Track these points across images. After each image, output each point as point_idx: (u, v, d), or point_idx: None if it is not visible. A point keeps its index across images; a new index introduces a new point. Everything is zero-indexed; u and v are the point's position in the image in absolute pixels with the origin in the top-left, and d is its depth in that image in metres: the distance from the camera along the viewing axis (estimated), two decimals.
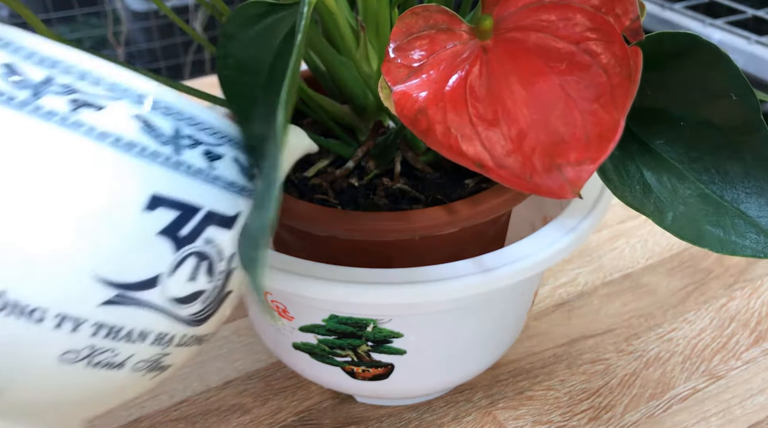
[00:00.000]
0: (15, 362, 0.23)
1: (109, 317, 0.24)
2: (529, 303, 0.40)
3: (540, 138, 0.24)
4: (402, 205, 0.36)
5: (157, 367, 0.26)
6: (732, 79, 0.27)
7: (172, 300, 0.25)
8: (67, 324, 0.23)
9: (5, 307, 0.23)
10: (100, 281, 0.23)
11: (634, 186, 0.29)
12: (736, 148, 0.28)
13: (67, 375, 0.24)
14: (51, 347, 0.23)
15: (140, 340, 0.25)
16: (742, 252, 0.27)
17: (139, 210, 0.24)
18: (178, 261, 0.25)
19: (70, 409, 0.26)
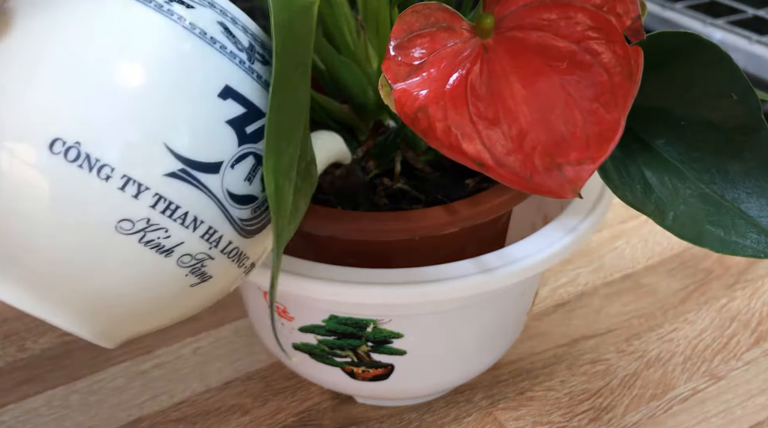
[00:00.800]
0: (76, 222, 0.24)
1: (170, 190, 0.25)
2: (529, 303, 0.40)
3: (540, 137, 0.24)
4: (402, 205, 0.36)
5: (199, 271, 0.27)
6: (733, 80, 0.27)
7: (228, 194, 0.26)
8: (131, 187, 0.24)
9: (77, 158, 0.24)
10: (169, 152, 0.25)
11: (634, 186, 0.29)
12: (736, 148, 0.28)
13: (120, 249, 0.25)
14: (112, 210, 0.24)
15: (192, 227, 0.26)
16: (743, 252, 0.27)
17: (214, 95, 0.26)
18: (239, 156, 0.26)
19: (117, 305, 0.26)
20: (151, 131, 0.25)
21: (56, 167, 0.24)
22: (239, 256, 0.28)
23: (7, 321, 0.48)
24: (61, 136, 0.24)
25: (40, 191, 0.24)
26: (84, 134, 0.24)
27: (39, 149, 0.24)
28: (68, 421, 0.42)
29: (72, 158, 0.24)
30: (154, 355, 0.46)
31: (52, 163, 0.24)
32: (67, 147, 0.24)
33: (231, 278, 0.29)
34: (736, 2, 0.77)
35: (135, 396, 0.43)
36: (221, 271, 0.28)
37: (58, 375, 0.44)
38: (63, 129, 0.24)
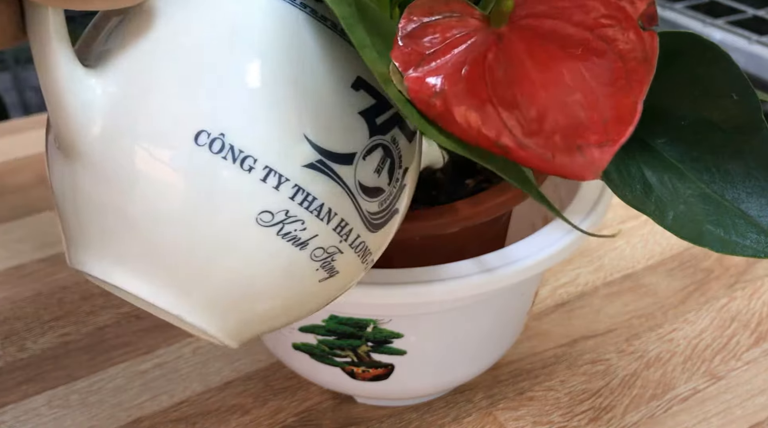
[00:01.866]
0: (219, 215, 0.25)
1: (308, 181, 0.25)
2: (529, 303, 0.40)
3: (559, 120, 0.24)
4: None
5: (329, 266, 0.27)
6: (733, 79, 0.27)
7: (359, 186, 0.27)
8: (272, 178, 0.25)
9: (222, 149, 0.24)
10: (308, 142, 0.25)
11: (634, 185, 0.29)
12: (737, 148, 0.28)
13: (259, 241, 0.25)
14: (254, 201, 0.25)
15: (326, 220, 0.26)
16: (743, 252, 0.27)
17: (347, 85, 0.26)
18: (370, 147, 0.27)
19: (251, 300, 0.27)
20: (292, 121, 0.25)
21: (201, 159, 0.24)
22: (365, 251, 0.28)
23: (7, 321, 0.48)
24: (205, 128, 0.24)
25: (186, 185, 0.24)
26: (228, 125, 0.24)
27: (185, 141, 0.24)
28: (68, 421, 0.42)
29: (216, 149, 0.24)
30: (154, 355, 0.46)
31: (198, 155, 0.24)
32: (212, 139, 0.24)
33: (355, 274, 0.29)
34: (736, 2, 0.77)
35: (135, 396, 0.43)
36: (348, 266, 0.28)
37: (58, 375, 0.44)
38: (207, 121, 0.24)
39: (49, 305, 0.49)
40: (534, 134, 0.24)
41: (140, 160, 0.24)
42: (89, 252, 0.26)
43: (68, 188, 0.26)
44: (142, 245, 0.25)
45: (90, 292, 0.50)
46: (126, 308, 0.49)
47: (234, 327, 0.27)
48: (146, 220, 0.25)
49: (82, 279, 0.51)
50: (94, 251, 0.26)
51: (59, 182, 0.26)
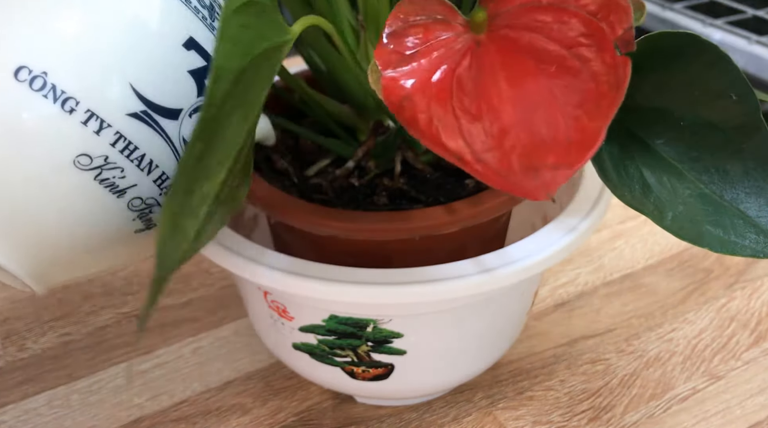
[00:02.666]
0: (34, 152, 0.24)
1: (131, 130, 0.25)
2: (529, 303, 0.40)
3: (521, 137, 0.24)
4: (402, 205, 0.36)
5: (146, 217, 0.27)
6: (732, 80, 0.27)
7: (184, 142, 0.27)
8: (93, 122, 0.25)
9: (43, 87, 0.24)
10: (133, 92, 0.25)
11: (633, 186, 0.29)
12: (736, 148, 0.28)
13: (74, 184, 0.25)
14: (72, 143, 0.25)
15: (147, 171, 0.26)
16: (742, 252, 0.27)
17: (179, 43, 0.27)
18: (197, 106, 0.27)
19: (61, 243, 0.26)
20: (118, 69, 0.25)
21: (20, 95, 0.24)
22: None
23: (7, 321, 0.48)
24: (27, 64, 0.24)
25: (2, 121, 0.24)
26: (51, 65, 0.24)
27: (3, 75, 0.24)
28: (68, 421, 0.42)
29: (37, 87, 0.24)
30: (154, 355, 0.46)
31: (17, 91, 0.24)
32: (33, 76, 0.24)
33: None
34: (735, 2, 0.77)
35: (135, 396, 0.43)
36: None
37: (59, 375, 0.44)
38: (29, 58, 0.24)
39: (49, 305, 0.49)
40: (493, 149, 0.24)
41: None
42: None
43: None
44: None
45: (90, 292, 0.50)
46: (126, 308, 0.49)
47: (41, 270, 0.27)
48: None
49: (82, 279, 0.51)
50: None
51: None
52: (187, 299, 0.50)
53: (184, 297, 0.50)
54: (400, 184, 0.36)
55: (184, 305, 0.49)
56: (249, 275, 0.34)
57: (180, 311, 0.49)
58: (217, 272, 0.52)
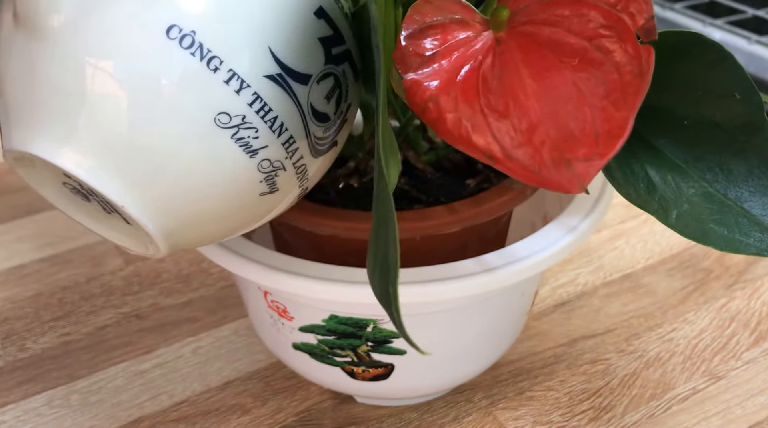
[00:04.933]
0: (179, 108, 0.25)
1: (267, 91, 0.27)
2: (529, 303, 0.40)
3: (550, 132, 0.24)
4: (403, 205, 0.36)
5: (272, 180, 0.28)
6: (736, 79, 0.27)
7: (311, 108, 0.28)
8: (234, 82, 0.26)
9: (192, 45, 0.25)
10: (271, 55, 0.27)
11: (638, 184, 0.29)
12: (739, 147, 0.28)
13: (213, 141, 0.26)
14: (214, 101, 0.26)
15: (278, 133, 0.27)
16: (746, 251, 0.27)
17: (311, 11, 0.28)
18: (324, 73, 0.28)
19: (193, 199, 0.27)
20: (259, 32, 0.26)
21: (171, 52, 0.25)
22: (303, 173, 0.29)
23: (7, 321, 0.48)
24: (178, 23, 0.25)
25: (152, 75, 0.25)
26: (199, 25, 0.25)
27: (156, 32, 0.25)
28: (68, 421, 0.42)
29: (186, 45, 0.25)
30: (154, 355, 0.46)
31: (168, 48, 0.25)
32: (183, 34, 0.25)
33: (290, 195, 0.30)
34: (736, 2, 0.77)
35: (135, 396, 0.43)
36: (286, 184, 0.29)
37: (59, 375, 0.44)
38: (181, 18, 0.25)
39: (49, 305, 0.49)
40: (523, 145, 0.24)
41: (108, 44, 0.25)
42: (35, 132, 0.26)
43: (24, 67, 0.26)
44: (99, 130, 0.25)
45: (90, 292, 0.50)
46: (126, 308, 0.49)
47: (170, 228, 0.28)
48: (107, 105, 0.25)
49: (82, 279, 0.51)
50: (42, 132, 0.26)
51: (13, 61, 0.26)
52: (187, 299, 0.50)
53: (184, 297, 0.50)
54: (401, 184, 0.36)
55: (184, 305, 0.49)
56: (249, 275, 0.34)
57: (180, 311, 0.49)
58: (217, 272, 0.52)
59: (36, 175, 0.28)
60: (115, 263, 0.53)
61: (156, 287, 0.51)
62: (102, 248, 0.54)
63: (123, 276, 0.51)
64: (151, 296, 0.50)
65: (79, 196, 0.29)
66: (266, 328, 0.39)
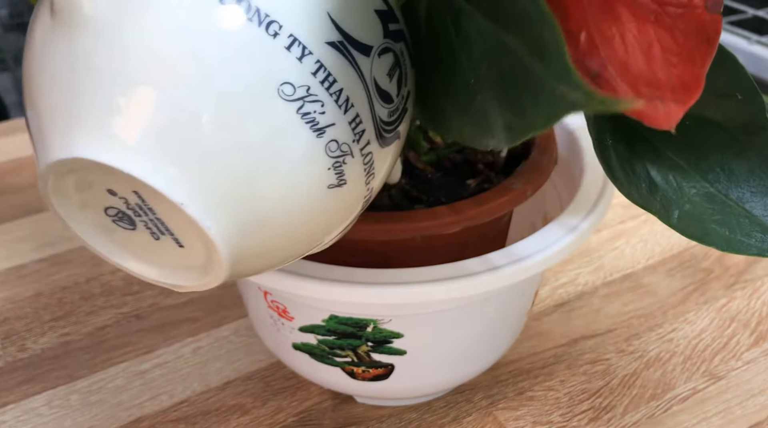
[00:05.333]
0: (240, 79, 0.23)
1: (330, 60, 0.25)
2: (529, 303, 0.40)
3: (641, 70, 0.25)
4: (403, 205, 0.36)
5: (339, 168, 0.26)
6: (737, 79, 0.27)
7: (375, 82, 0.26)
8: (296, 48, 0.24)
9: (248, 11, 0.23)
10: (331, 21, 0.25)
11: (640, 184, 0.29)
12: (741, 147, 0.28)
13: (278, 115, 0.24)
14: (277, 69, 0.24)
15: (344, 109, 0.25)
16: (748, 251, 0.27)
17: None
18: (384, 47, 0.27)
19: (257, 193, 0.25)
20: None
21: (226, 19, 0.23)
22: (371, 165, 0.27)
23: (7, 321, 0.48)
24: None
25: (206, 45, 0.23)
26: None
27: (212, 1, 0.23)
28: (68, 421, 0.42)
29: (244, 9, 0.23)
30: (154, 355, 0.46)
31: (222, 14, 0.23)
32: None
33: (358, 194, 0.28)
34: (736, 2, 0.77)
35: (135, 396, 0.43)
36: (355, 177, 0.27)
37: (59, 375, 0.44)
38: None
39: (49, 305, 0.49)
40: (625, 73, 0.25)
41: (157, 19, 0.23)
42: (82, 133, 0.23)
43: (64, 61, 0.24)
44: (151, 118, 0.23)
45: (90, 292, 0.50)
46: (126, 308, 0.49)
47: (234, 234, 0.25)
48: (159, 86, 0.23)
49: (82, 279, 0.51)
50: (90, 131, 0.23)
51: (51, 57, 0.24)
52: (187, 299, 0.50)
53: (184, 297, 0.50)
54: (401, 184, 0.36)
55: (184, 305, 0.49)
56: (254, 277, 0.34)
57: (180, 311, 0.49)
58: None
59: (73, 202, 0.25)
60: None
61: (156, 287, 0.51)
62: None
63: (123, 276, 0.51)
64: (150, 296, 0.50)
65: (124, 222, 0.26)
66: (266, 328, 0.39)
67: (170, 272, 0.27)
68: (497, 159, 0.38)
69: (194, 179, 0.24)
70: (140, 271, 0.27)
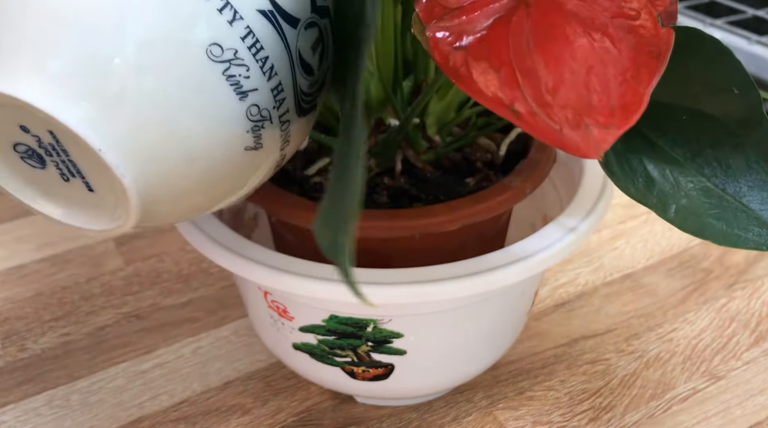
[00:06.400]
0: (170, 36, 0.24)
1: (259, 27, 0.25)
2: (529, 303, 0.40)
3: (570, 96, 0.24)
4: (402, 203, 0.36)
5: (258, 132, 0.27)
6: (734, 73, 0.27)
7: (299, 55, 0.27)
8: (228, 11, 0.25)
9: None
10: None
11: (637, 179, 0.29)
12: (737, 141, 0.28)
13: (204, 75, 0.25)
14: (207, 29, 0.25)
15: (268, 76, 0.26)
16: (745, 245, 0.27)
17: None
18: (310, 21, 0.28)
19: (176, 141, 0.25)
20: None
21: None
22: (287, 132, 0.28)
23: (7, 321, 0.48)
24: None
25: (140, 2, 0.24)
26: None
27: None
28: (68, 421, 0.42)
29: None
30: (154, 355, 0.46)
31: None
32: None
33: (272, 159, 0.29)
34: (736, 2, 0.77)
35: (135, 396, 0.43)
36: (270, 142, 0.28)
37: (59, 375, 0.44)
38: None
39: (49, 305, 0.49)
40: (547, 104, 0.25)
41: None
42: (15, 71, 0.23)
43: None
44: (67, 57, 0.23)
45: (90, 292, 0.50)
46: (126, 308, 0.49)
47: (147, 183, 0.25)
48: (75, 24, 0.23)
49: (82, 279, 0.51)
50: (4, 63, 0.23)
51: None
52: (187, 299, 0.50)
53: (184, 297, 0.50)
54: (400, 183, 0.36)
55: (184, 305, 0.49)
56: (249, 275, 0.34)
57: (180, 311, 0.49)
58: (217, 272, 0.52)
59: None
60: (115, 263, 0.53)
61: (156, 287, 0.51)
62: (102, 248, 0.54)
63: (123, 276, 0.51)
64: (151, 296, 0.50)
65: (33, 160, 0.26)
66: (266, 328, 0.39)
67: (76, 214, 0.27)
68: (496, 158, 0.39)
69: (111, 125, 0.24)
70: (46, 210, 0.27)
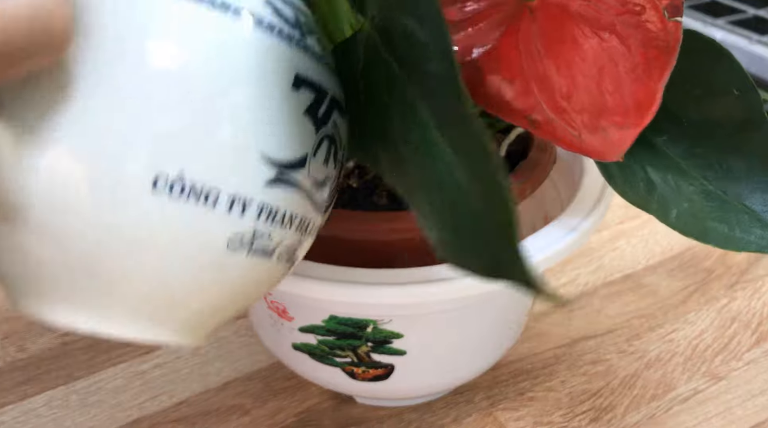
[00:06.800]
0: (188, 253, 0.24)
1: (270, 198, 0.24)
2: (529, 303, 0.40)
3: (585, 100, 0.24)
4: (402, 205, 0.36)
5: (291, 258, 0.27)
6: (734, 76, 0.27)
7: (313, 183, 0.26)
8: (237, 206, 0.24)
9: (183, 191, 0.23)
10: (265, 160, 0.24)
11: (637, 183, 0.29)
12: (738, 144, 0.28)
13: (230, 265, 0.25)
14: (221, 233, 0.24)
15: (289, 225, 0.26)
16: (747, 248, 0.27)
17: (289, 88, 0.25)
18: (317, 143, 0.26)
19: (220, 309, 0.26)
20: (246, 145, 0.24)
21: (162, 206, 0.23)
22: (318, 229, 0.29)
23: (7, 321, 0.48)
24: (161, 171, 0.22)
25: (149, 234, 0.23)
26: (185, 163, 0.23)
27: (142, 190, 0.22)
28: (68, 421, 0.42)
29: (177, 192, 0.23)
30: (154, 355, 0.45)
31: (158, 202, 0.23)
32: (171, 183, 0.22)
33: (307, 249, 0.29)
34: (736, 2, 0.77)
35: (135, 396, 0.43)
36: (305, 250, 0.28)
37: (58, 375, 0.44)
38: (162, 164, 0.22)
39: None
40: (563, 111, 0.24)
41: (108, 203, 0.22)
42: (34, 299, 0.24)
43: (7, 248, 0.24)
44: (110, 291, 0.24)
45: None
46: None
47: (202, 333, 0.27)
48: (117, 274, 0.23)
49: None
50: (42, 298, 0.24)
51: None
52: None
53: None
54: None
55: None
56: None
57: None
58: None
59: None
60: None
61: None
62: None
63: None
64: None
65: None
66: (266, 328, 0.39)
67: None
68: None
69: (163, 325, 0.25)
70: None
